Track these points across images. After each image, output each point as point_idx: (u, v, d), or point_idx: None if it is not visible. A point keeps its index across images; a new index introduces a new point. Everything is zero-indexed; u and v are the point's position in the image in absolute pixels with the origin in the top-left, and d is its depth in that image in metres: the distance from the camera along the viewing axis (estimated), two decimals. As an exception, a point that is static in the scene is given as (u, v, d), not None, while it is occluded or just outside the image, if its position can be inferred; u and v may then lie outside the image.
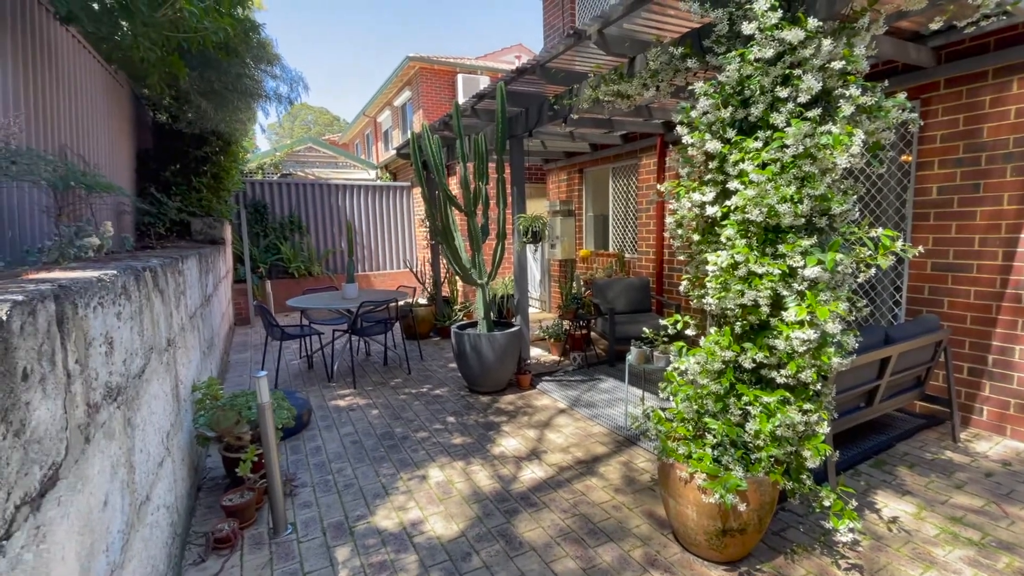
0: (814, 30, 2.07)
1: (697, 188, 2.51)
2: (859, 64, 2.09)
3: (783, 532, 2.62)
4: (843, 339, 2.21)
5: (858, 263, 2.21)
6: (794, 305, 2.14)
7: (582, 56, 3.82)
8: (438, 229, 4.69)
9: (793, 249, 2.14)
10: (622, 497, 2.99)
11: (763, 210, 2.18)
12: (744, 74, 2.23)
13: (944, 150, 3.78)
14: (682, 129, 2.50)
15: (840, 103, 2.11)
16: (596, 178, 8.23)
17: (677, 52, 2.74)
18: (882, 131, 2.19)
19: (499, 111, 4.29)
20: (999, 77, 3.48)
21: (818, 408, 2.25)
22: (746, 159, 2.24)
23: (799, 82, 2.10)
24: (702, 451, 2.39)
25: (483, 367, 4.69)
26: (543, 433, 3.94)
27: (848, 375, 3.05)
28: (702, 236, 2.59)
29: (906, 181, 4.05)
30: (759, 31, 2.16)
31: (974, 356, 3.72)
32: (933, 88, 3.82)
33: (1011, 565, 2.32)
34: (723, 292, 2.37)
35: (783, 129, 2.14)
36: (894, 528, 2.62)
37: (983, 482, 3.03)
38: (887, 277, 4.26)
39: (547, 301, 9.27)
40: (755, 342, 2.33)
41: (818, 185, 2.10)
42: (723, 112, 2.31)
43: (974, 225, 3.65)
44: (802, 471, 2.33)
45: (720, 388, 2.42)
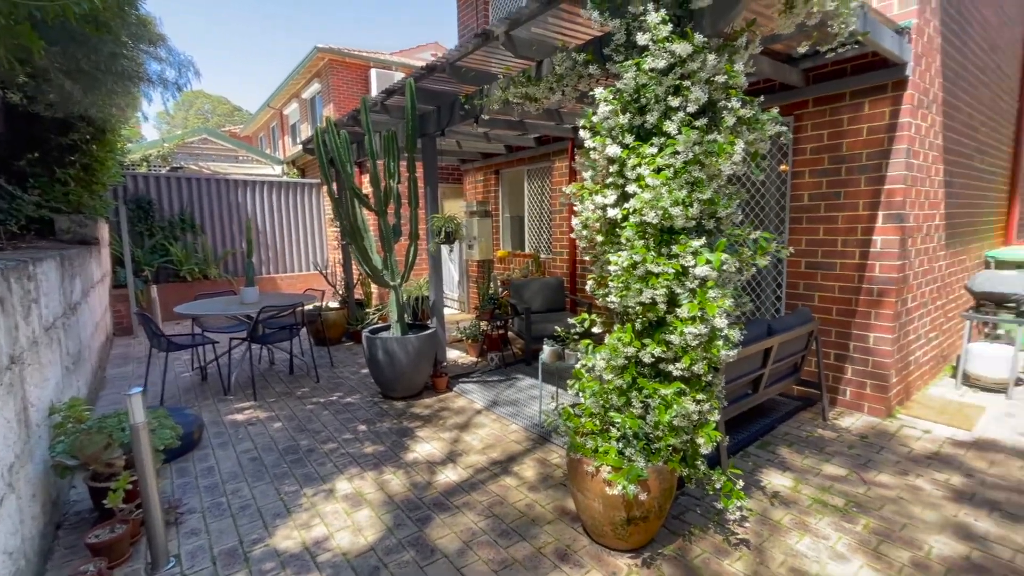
0: (700, 45, 2.22)
1: (599, 191, 2.59)
2: (739, 79, 2.27)
3: (682, 515, 2.78)
4: (729, 333, 2.39)
5: (741, 262, 2.40)
6: (687, 302, 2.28)
7: (494, 57, 3.82)
8: (347, 229, 4.47)
9: (685, 249, 2.27)
10: (536, 495, 3.03)
11: (658, 213, 2.30)
12: (640, 83, 2.34)
13: (813, 161, 4.25)
14: (585, 133, 2.58)
15: (724, 114, 2.28)
16: (512, 179, 8.32)
17: (580, 58, 2.82)
18: (760, 142, 2.40)
19: (409, 108, 4.18)
20: (855, 99, 3.97)
21: (710, 397, 2.42)
22: (643, 164, 2.36)
23: (688, 93, 2.24)
24: (608, 444, 2.48)
25: (397, 371, 4.55)
26: (460, 435, 3.90)
27: (737, 365, 3.32)
28: (605, 237, 2.68)
29: (784, 188, 4.51)
30: (653, 42, 2.28)
31: (839, 343, 4.21)
32: (804, 106, 4.27)
33: (868, 526, 2.65)
34: (625, 291, 2.47)
35: (675, 136, 2.28)
36: (776, 502, 2.89)
37: (846, 454, 3.43)
38: (770, 275, 4.71)
39: (466, 302, 9.23)
40: (654, 338, 2.45)
41: (706, 190, 2.25)
42: (622, 118, 2.41)
43: (837, 228, 4.14)
44: (697, 457, 2.50)
45: (623, 383, 2.52)
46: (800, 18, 2.49)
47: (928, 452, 3.44)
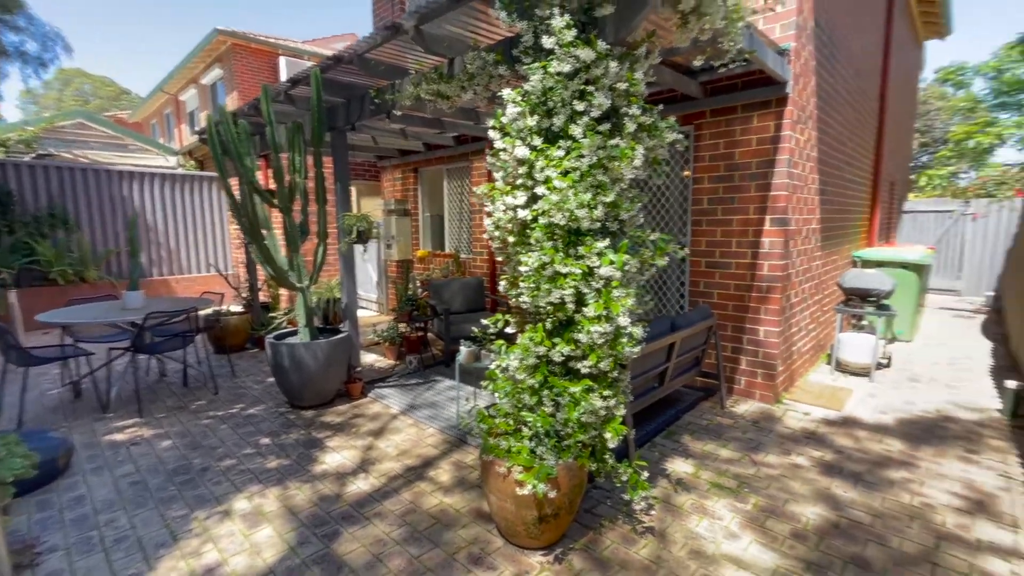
0: (603, 52, 2.28)
1: (510, 192, 2.60)
2: (639, 87, 2.37)
3: (594, 509, 2.87)
4: (633, 330, 2.49)
5: (643, 263, 2.51)
6: (593, 302, 2.35)
7: (406, 52, 3.71)
8: (246, 227, 4.14)
9: (591, 250, 2.34)
10: (451, 498, 2.98)
11: (565, 214, 2.34)
12: (547, 86, 2.37)
13: (711, 168, 4.57)
14: (495, 134, 2.57)
15: (626, 120, 2.37)
16: (431, 178, 8.18)
17: (490, 58, 2.81)
18: (659, 148, 2.52)
19: (315, 99, 3.95)
20: (745, 112, 4.33)
21: (616, 393, 2.51)
22: (550, 166, 2.39)
23: (592, 98, 2.31)
24: (520, 444, 2.49)
25: (305, 379, 4.29)
26: (374, 443, 3.75)
27: (644, 360, 3.48)
28: (517, 238, 2.69)
29: (687, 193, 4.81)
30: (558, 46, 2.31)
31: (734, 337, 4.57)
32: (703, 116, 4.59)
33: (756, 504, 2.89)
34: (535, 291, 2.50)
35: (580, 140, 2.33)
36: (679, 488, 3.06)
37: (740, 439, 3.73)
38: (674, 274, 5.01)
39: (385, 303, 8.94)
40: (563, 337, 2.49)
41: (609, 193, 2.33)
42: (530, 120, 2.43)
43: (732, 230, 4.49)
44: (605, 452, 2.58)
45: (535, 382, 2.55)
46: (694, 33, 2.64)
47: (807, 432, 3.82)
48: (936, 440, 3.67)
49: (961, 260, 10.21)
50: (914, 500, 2.90)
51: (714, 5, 2.46)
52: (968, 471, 3.22)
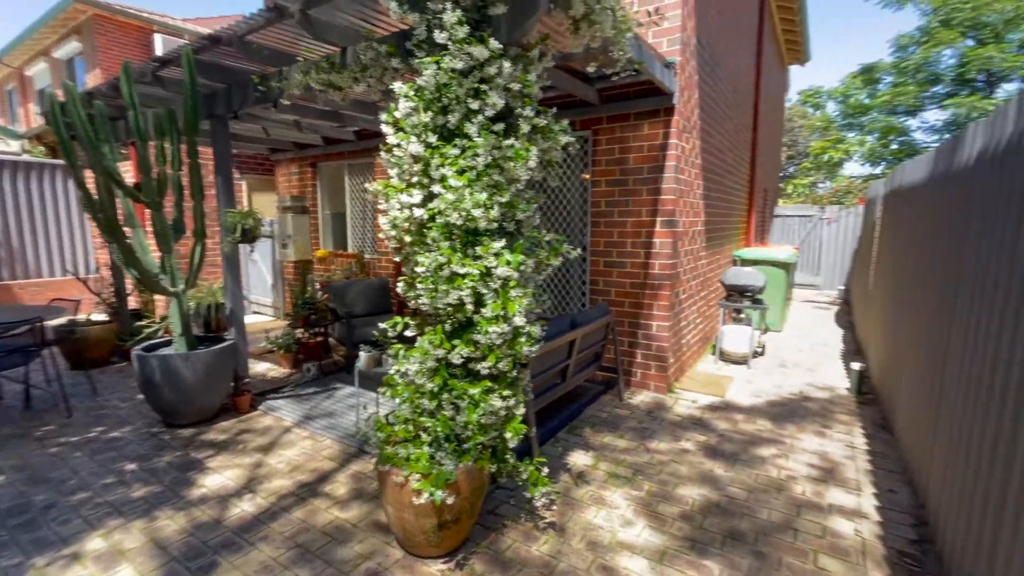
0: (497, 51, 2.27)
1: (405, 190, 2.51)
2: (532, 89, 2.40)
3: (497, 509, 2.86)
4: (531, 330, 2.51)
5: (539, 262, 2.55)
6: (491, 302, 2.33)
7: (294, 38, 3.45)
8: (103, 224, 3.62)
9: (488, 251, 2.32)
10: (348, 513, 2.82)
11: (462, 214, 2.30)
12: (441, 82, 2.31)
13: (608, 172, 4.79)
14: (388, 129, 2.47)
15: (520, 122, 2.39)
16: (331, 174, 7.76)
17: (382, 49, 2.70)
18: (553, 150, 2.57)
19: (187, 83, 3.55)
20: (638, 119, 4.58)
21: (516, 393, 2.52)
22: (446, 164, 2.34)
23: (487, 97, 2.29)
24: (420, 451, 2.41)
25: (182, 394, 3.84)
26: (263, 460, 3.45)
27: (547, 358, 3.55)
28: (414, 238, 2.61)
29: (586, 195, 4.99)
30: (451, 42, 2.27)
31: (631, 332, 4.83)
32: (600, 122, 4.79)
33: (649, 490, 3.06)
34: (433, 292, 2.43)
35: (475, 139, 2.30)
36: (579, 482, 3.16)
37: (636, 429, 3.94)
38: (576, 273, 5.18)
39: (282, 307, 8.33)
40: (462, 338, 2.46)
41: (505, 193, 2.33)
42: (424, 116, 2.36)
43: (627, 231, 4.73)
44: (506, 451, 2.58)
45: (435, 386, 2.48)
46: (586, 40, 2.73)
47: (694, 419, 4.13)
48: (798, 418, 4.15)
49: (819, 258, 11.71)
50: (780, 474, 3.24)
51: (603, 14, 2.55)
52: (823, 444, 3.67)
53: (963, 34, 14.05)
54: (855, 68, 16.75)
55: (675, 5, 4.26)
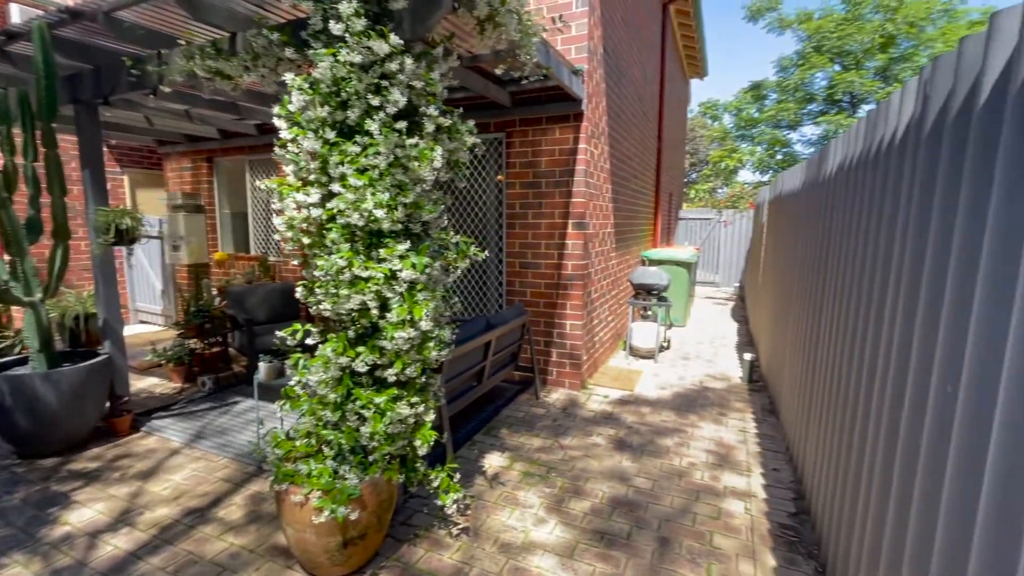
0: (398, 47, 2.20)
1: (302, 188, 2.35)
2: (436, 87, 2.35)
3: (410, 520, 2.78)
4: (441, 333, 2.46)
5: (448, 265, 2.50)
6: (396, 306, 2.25)
7: (176, 19, 3.11)
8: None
9: (392, 253, 2.24)
10: (244, 539, 2.59)
11: (363, 215, 2.20)
12: (339, 75, 2.19)
13: (522, 174, 4.85)
14: (281, 123, 2.30)
15: (424, 120, 2.33)
16: (230, 170, 7.17)
17: (275, 38, 2.51)
18: (460, 151, 2.53)
19: (39, 61, 3.08)
20: (549, 123, 4.68)
21: (425, 399, 2.45)
22: (346, 163, 2.22)
23: (388, 93, 2.21)
24: (321, 466, 2.27)
25: (41, 420, 3.34)
26: (143, 487, 3.08)
27: (461, 360, 3.51)
28: (313, 239, 2.45)
29: (502, 197, 5.02)
30: (349, 34, 2.16)
31: (546, 332, 4.93)
32: (513, 124, 4.83)
33: (562, 486, 3.12)
34: (335, 297, 2.30)
35: (376, 137, 2.21)
36: (494, 484, 3.15)
37: (551, 426, 4.02)
38: (493, 275, 5.19)
39: (173, 316, 7.55)
40: (367, 345, 2.35)
41: (410, 193, 2.26)
42: (320, 111, 2.23)
43: (541, 233, 4.82)
44: (416, 460, 2.51)
45: (338, 396, 2.35)
46: (492, 41, 2.73)
47: (605, 414, 4.30)
48: (698, 407, 4.45)
49: (718, 258, 12.72)
50: (682, 462, 3.45)
51: (508, 17, 2.56)
52: (719, 431, 3.96)
53: (832, 60, 15.94)
54: (747, 84, 18.45)
55: (582, 14, 4.40)
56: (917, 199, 1.54)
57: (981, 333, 1.14)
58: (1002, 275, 1.08)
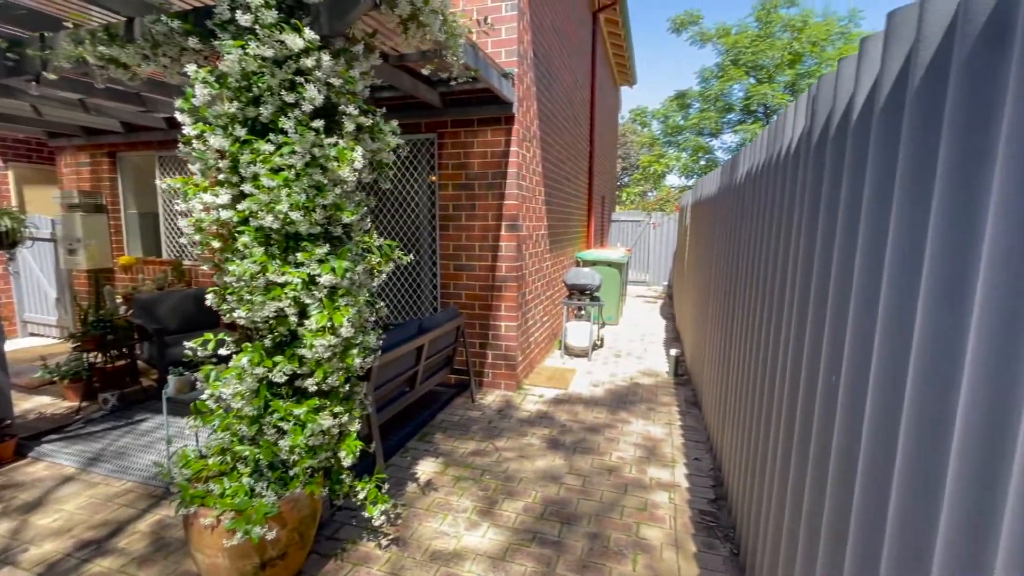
0: (313, 42, 2.11)
1: (210, 189, 2.20)
2: (356, 85, 2.28)
3: (337, 533, 2.67)
4: (366, 339, 2.39)
5: (373, 269, 2.43)
6: (316, 313, 2.16)
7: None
8: None
9: (310, 257, 2.14)
10: (149, 570, 2.38)
11: (279, 217, 2.09)
12: (249, 69, 2.07)
13: (454, 175, 4.81)
14: (184, 118, 2.14)
15: (344, 119, 2.25)
16: (137, 167, 6.58)
17: (176, 26, 2.33)
18: (383, 151, 2.47)
19: None
20: (481, 126, 4.68)
21: (350, 408, 2.36)
22: (258, 162, 2.10)
23: (303, 90, 2.11)
24: (236, 484, 2.13)
25: None
26: (28, 520, 2.75)
27: (393, 366, 3.42)
28: (224, 243, 2.30)
29: (435, 199, 4.96)
30: (259, 26, 2.04)
31: (481, 334, 4.92)
32: (444, 126, 4.78)
33: (496, 488, 3.12)
34: (249, 304, 2.17)
35: (291, 135, 2.11)
36: (427, 490, 3.10)
37: (486, 428, 4.01)
38: (427, 277, 5.12)
39: (70, 327, 6.82)
40: (285, 354, 2.23)
41: (328, 194, 2.17)
42: (229, 106, 2.09)
43: (475, 235, 4.81)
44: (342, 472, 2.41)
45: (254, 409, 2.22)
46: (416, 41, 2.68)
47: (540, 413, 4.35)
48: (628, 404, 4.62)
49: (648, 258, 13.29)
50: (612, 457, 3.56)
51: (432, 17, 2.53)
52: (647, 426, 4.13)
53: (747, 73, 17.13)
54: (673, 93, 19.43)
55: (511, 18, 4.44)
56: (808, 205, 1.68)
57: (857, 326, 1.25)
58: (873, 272, 1.19)
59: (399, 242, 5.09)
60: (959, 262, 0.88)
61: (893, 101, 1.13)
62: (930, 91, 0.98)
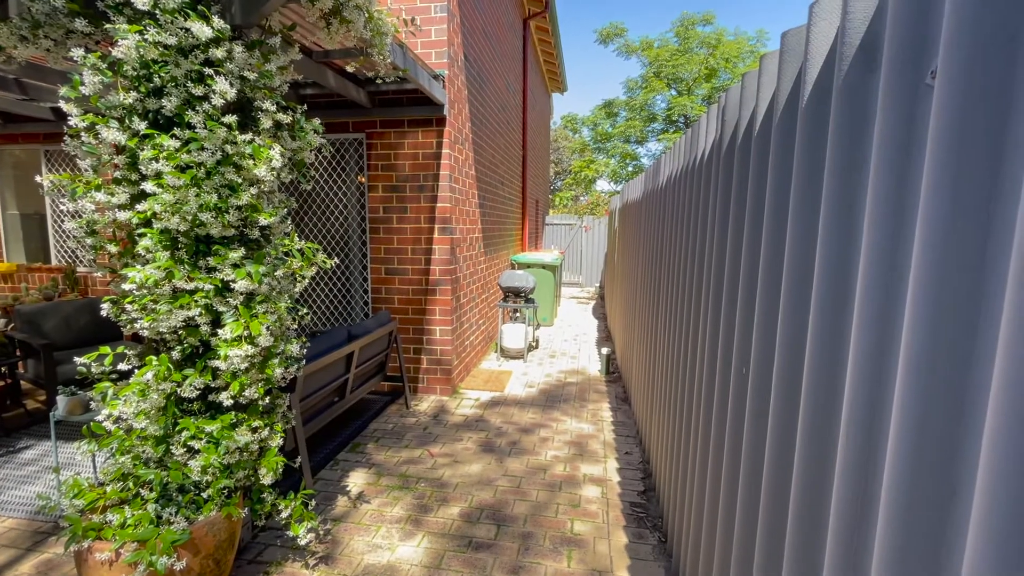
0: (223, 32, 1.97)
1: (105, 187, 1.99)
2: (272, 80, 2.16)
3: (260, 556, 2.50)
4: (287, 348, 2.26)
5: (294, 273, 2.31)
6: (231, 321, 2.01)
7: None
8: None
9: (223, 262, 2.00)
10: (34, 616, 2.11)
11: (187, 218, 1.93)
12: (149, 57, 1.90)
13: (385, 177, 4.69)
14: (71, 108, 1.92)
15: (260, 116, 2.12)
16: (18, 162, 5.84)
17: (60, 4, 2.09)
18: (304, 151, 2.36)
19: None
20: (412, 127, 4.60)
21: (271, 422, 2.23)
22: (162, 158, 1.93)
23: (213, 83, 1.97)
24: (140, 512, 1.94)
25: None
26: None
27: (320, 375, 3.27)
28: (123, 247, 2.09)
29: (364, 200, 4.80)
30: (160, 11, 1.88)
31: (415, 339, 4.82)
32: (373, 126, 4.65)
33: (432, 496, 3.06)
34: (154, 314, 1.99)
35: (199, 131, 1.95)
36: (359, 503, 2.98)
37: (421, 435, 3.93)
38: (358, 282, 4.95)
39: (-65, 344, 5.91)
40: (196, 366, 2.06)
41: (243, 195, 2.03)
42: (125, 96, 1.90)
43: (407, 238, 4.71)
44: (263, 490, 2.27)
45: (159, 428, 2.03)
46: (340, 37, 2.59)
47: (476, 417, 4.33)
48: (562, 403, 4.71)
49: (581, 260, 13.67)
50: (546, 456, 3.61)
51: (355, 13, 2.45)
52: (579, 424, 4.23)
53: (668, 85, 18.13)
54: (601, 101, 20.20)
55: (441, 20, 4.41)
56: (719, 208, 1.79)
57: (763, 320, 1.35)
58: (775, 272, 1.29)
59: (327, 245, 4.91)
60: (843, 263, 0.98)
61: (787, 113, 1.23)
62: (817, 105, 1.08)
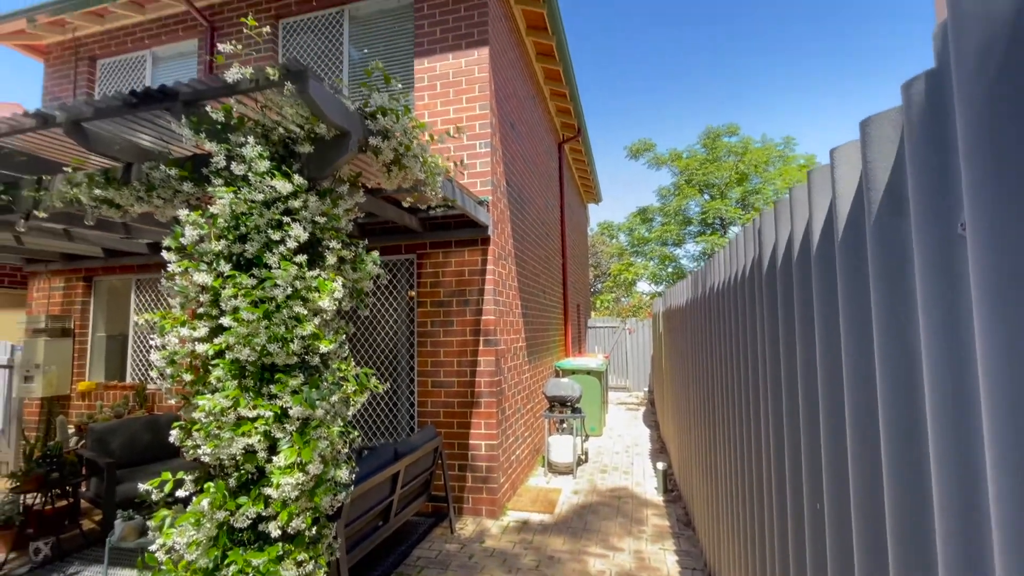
0: (301, 186, 2.28)
1: (189, 323, 2.21)
2: (339, 221, 2.43)
3: None
4: (337, 474, 2.27)
5: (349, 398, 2.39)
6: (286, 448, 2.07)
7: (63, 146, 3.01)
8: None
9: (283, 389, 2.11)
10: None
11: (256, 349, 2.09)
12: (239, 211, 2.20)
13: (433, 293, 4.94)
14: (171, 256, 2.21)
15: (326, 253, 2.36)
16: (113, 290, 6.57)
17: (174, 173, 2.50)
18: (363, 280, 2.56)
19: None
20: (459, 247, 4.93)
21: (316, 554, 2.17)
22: (239, 295, 2.15)
23: (290, 228, 2.23)
24: (181, 657, 1.86)
25: None
26: None
27: (364, 499, 3.20)
28: (196, 376, 2.26)
29: (413, 315, 5.03)
30: (252, 174, 2.21)
31: (460, 454, 4.71)
32: (424, 247, 5.02)
33: (479, 641, 2.78)
34: (216, 440, 2.08)
35: (274, 270, 2.19)
36: (401, 647, 2.74)
37: (467, 565, 3.67)
38: (404, 395, 5.00)
39: (12, 462, 6.26)
40: (250, 494, 2.09)
41: (308, 325, 2.20)
42: (216, 244, 2.18)
43: (453, 351, 4.82)
44: (304, 631, 2.14)
45: (210, 561, 2.02)
46: (398, 180, 2.92)
47: (525, 542, 4.03)
48: (619, 527, 4.34)
49: (627, 363, 13.34)
50: (605, 592, 3.26)
51: (412, 160, 2.79)
52: (641, 554, 3.85)
53: (700, 191, 18.82)
54: (636, 208, 21.07)
55: (485, 155, 4.91)
56: (768, 323, 1.78)
57: (832, 439, 1.27)
58: (830, 382, 1.24)
59: (376, 360, 5.07)
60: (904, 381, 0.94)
61: (825, 242, 1.27)
62: (854, 240, 1.12)
